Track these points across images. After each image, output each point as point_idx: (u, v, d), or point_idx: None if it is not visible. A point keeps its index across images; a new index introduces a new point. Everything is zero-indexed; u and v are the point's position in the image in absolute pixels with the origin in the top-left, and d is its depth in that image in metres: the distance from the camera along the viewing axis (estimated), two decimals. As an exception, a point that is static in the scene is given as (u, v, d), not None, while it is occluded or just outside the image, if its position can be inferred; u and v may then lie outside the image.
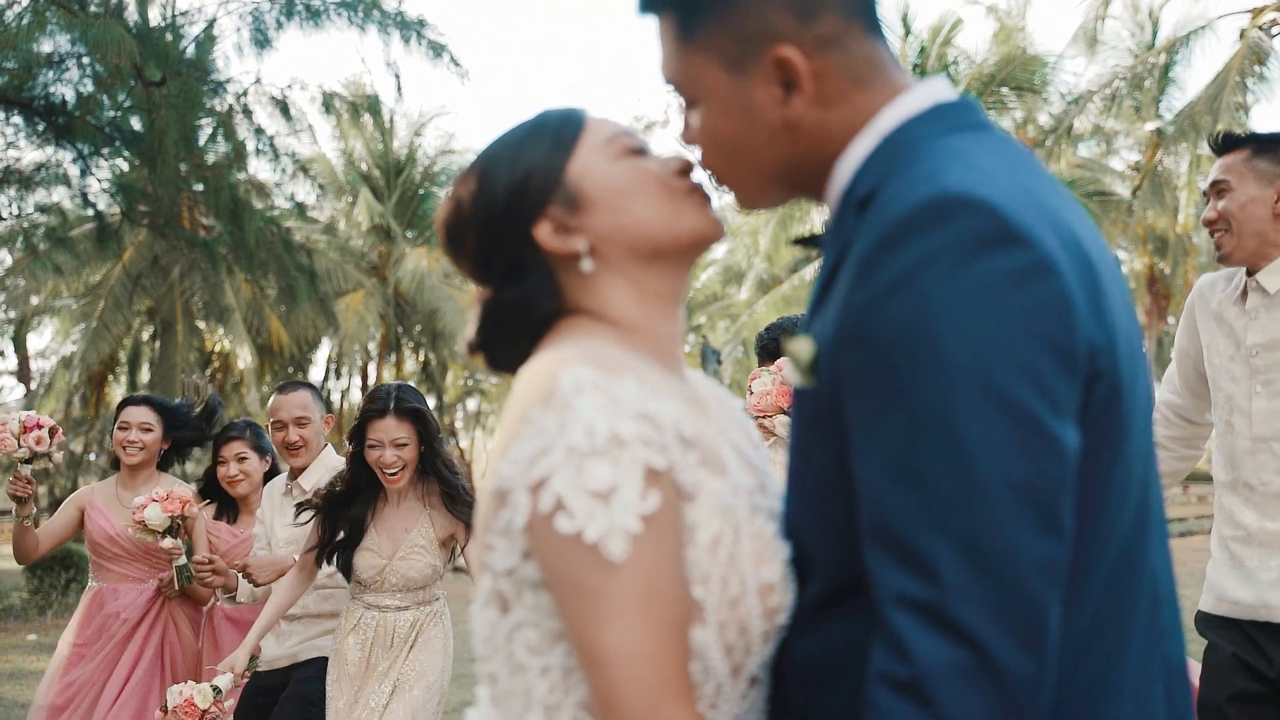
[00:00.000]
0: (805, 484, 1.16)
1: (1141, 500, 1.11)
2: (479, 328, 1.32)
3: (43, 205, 15.37)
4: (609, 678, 1.06)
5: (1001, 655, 0.94)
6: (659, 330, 1.27)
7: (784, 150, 1.17)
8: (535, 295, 1.27)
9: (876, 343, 0.99)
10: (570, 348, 1.19)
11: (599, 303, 1.26)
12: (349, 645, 3.83)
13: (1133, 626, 1.10)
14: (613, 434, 1.07)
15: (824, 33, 1.14)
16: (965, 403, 0.95)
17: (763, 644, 1.15)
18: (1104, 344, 1.03)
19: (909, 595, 0.96)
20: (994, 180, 1.01)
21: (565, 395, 1.09)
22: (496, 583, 1.17)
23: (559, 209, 1.25)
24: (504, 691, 1.19)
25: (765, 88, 1.15)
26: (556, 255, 1.26)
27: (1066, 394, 0.98)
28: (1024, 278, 0.96)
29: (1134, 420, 1.08)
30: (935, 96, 1.16)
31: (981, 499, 0.95)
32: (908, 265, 0.98)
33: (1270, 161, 2.84)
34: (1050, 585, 0.96)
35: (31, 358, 27.59)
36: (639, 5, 1.23)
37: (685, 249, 1.27)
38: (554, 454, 1.08)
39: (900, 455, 0.98)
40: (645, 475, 1.07)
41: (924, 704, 0.94)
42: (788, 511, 1.20)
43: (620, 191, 1.25)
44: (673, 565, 1.08)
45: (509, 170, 1.26)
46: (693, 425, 1.15)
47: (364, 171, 25.14)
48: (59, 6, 11.38)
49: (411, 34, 14.36)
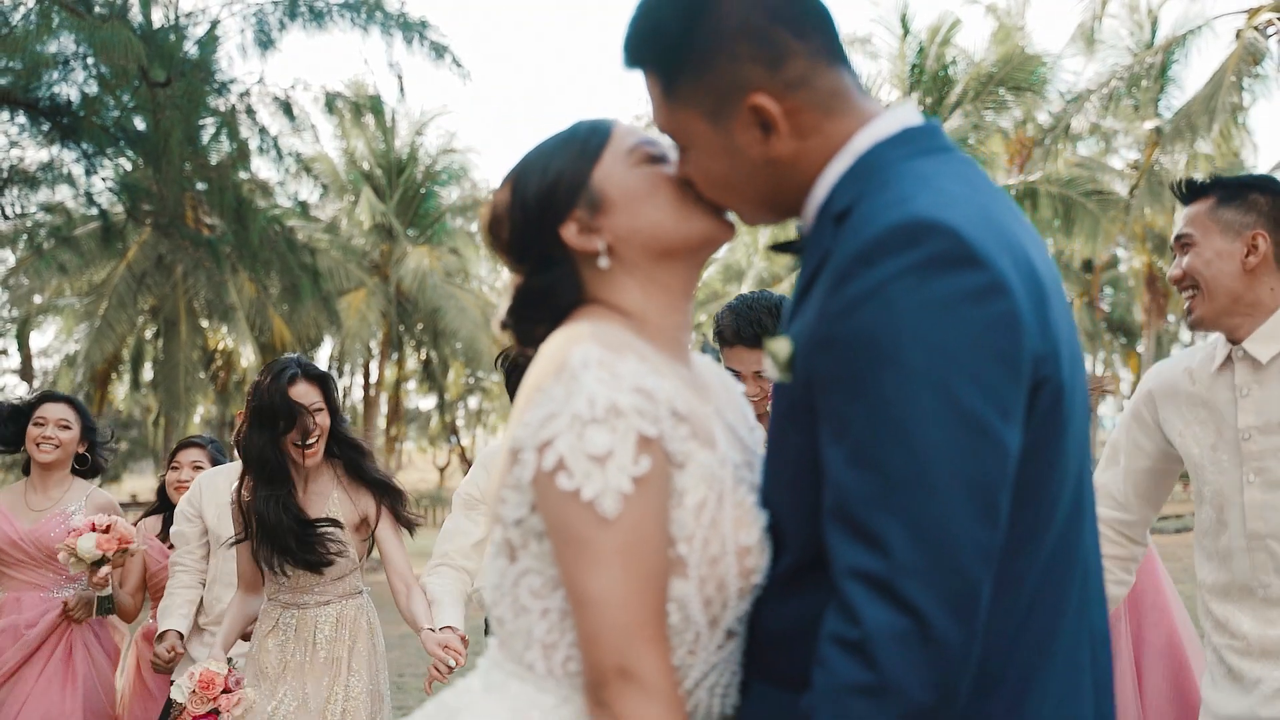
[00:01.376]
0: (781, 467, 1.30)
1: (1077, 486, 1.26)
2: (510, 308, 1.47)
3: (47, 205, 15.49)
4: (590, 618, 1.22)
5: (938, 625, 1.08)
6: (665, 321, 1.42)
7: (769, 181, 1.31)
8: (559, 285, 1.42)
9: (847, 346, 1.13)
10: (584, 327, 1.34)
11: (613, 295, 1.41)
12: (268, 647, 3.59)
13: (1068, 599, 1.25)
14: (611, 404, 1.22)
15: (792, 76, 1.27)
16: (922, 403, 1.09)
17: (738, 600, 1.29)
18: (1048, 353, 1.17)
19: (861, 568, 1.11)
20: (957, 205, 1.15)
21: (573, 368, 1.25)
22: (506, 532, 1.32)
23: (583, 211, 1.40)
24: (509, 632, 1.34)
25: (745, 132, 1.28)
26: (579, 252, 1.41)
27: (1012, 401, 1.13)
28: (980, 296, 1.10)
29: (1073, 418, 1.23)
30: (904, 121, 1.30)
31: (931, 489, 1.09)
32: (878, 280, 1.12)
33: (1237, 210, 2.45)
34: (984, 567, 1.11)
35: (34, 356, 27.75)
36: (624, 60, 1.36)
37: (695, 248, 1.41)
38: (560, 419, 1.23)
39: (862, 445, 1.12)
40: (638, 442, 1.22)
41: (868, 664, 1.09)
42: (765, 491, 1.35)
43: (637, 195, 1.39)
44: (657, 524, 1.22)
45: (540, 176, 1.42)
46: (686, 402, 1.30)
47: (366, 171, 25.24)
48: (65, 9, 11.49)
49: (414, 35, 14.47)
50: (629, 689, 1.21)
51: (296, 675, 3.56)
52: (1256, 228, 2.42)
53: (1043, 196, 18.92)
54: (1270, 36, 14.69)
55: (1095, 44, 20.55)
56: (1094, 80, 18.46)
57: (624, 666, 1.21)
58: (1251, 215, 2.43)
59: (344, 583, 3.67)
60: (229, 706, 3.37)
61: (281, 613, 3.62)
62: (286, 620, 3.61)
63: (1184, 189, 2.56)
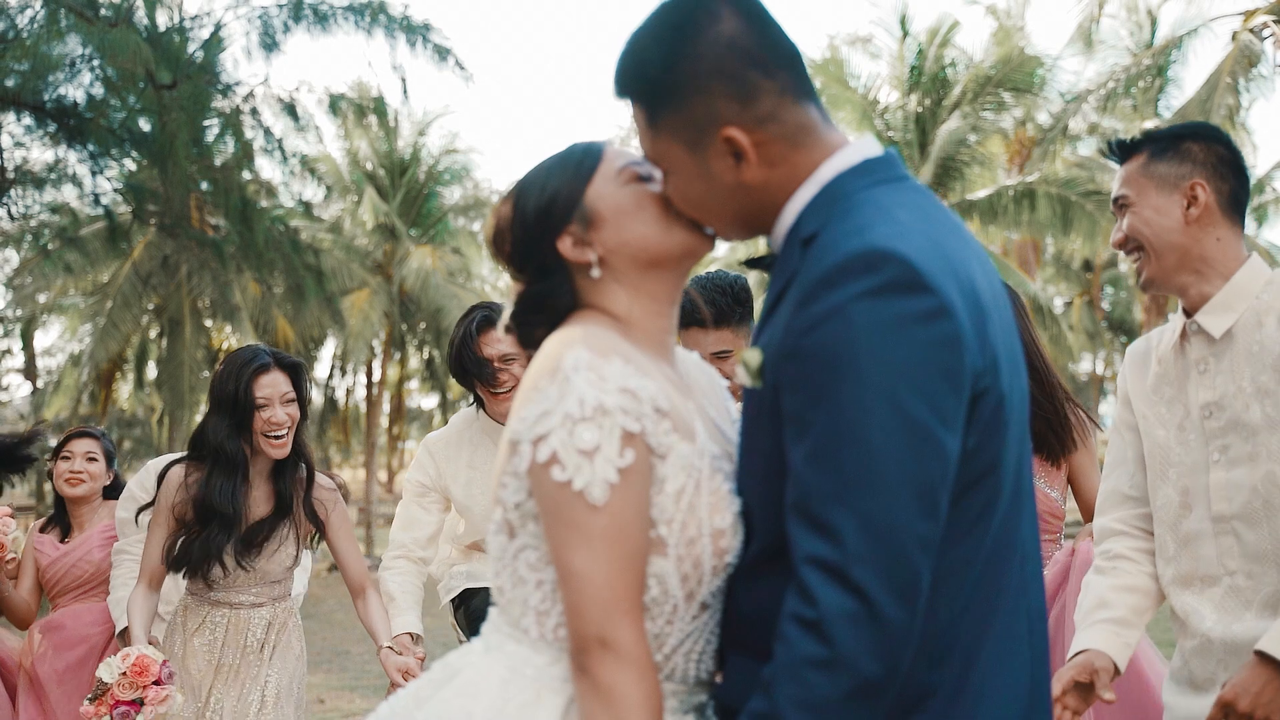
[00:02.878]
0: (752, 464, 1.46)
1: (1016, 479, 1.43)
2: (512, 312, 1.63)
3: (53, 205, 15.61)
4: (574, 590, 1.38)
5: (884, 607, 1.24)
6: (651, 324, 1.57)
7: (741, 203, 1.48)
8: (556, 292, 1.58)
9: (810, 358, 1.29)
10: (577, 332, 1.48)
11: (604, 301, 1.56)
12: (195, 648, 3.46)
13: (1008, 580, 1.41)
14: (599, 404, 1.38)
15: (761, 111, 1.43)
16: (874, 411, 1.25)
17: (712, 576, 1.45)
18: (988, 366, 1.34)
19: (818, 556, 1.27)
20: (909, 236, 1.32)
21: (566, 371, 1.41)
22: (506, 514, 1.48)
23: (577, 226, 1.55)
24: (507, 600, 1.51)
25: (720, 160, 1.45)
26: (574, 263, 1.56)
27: (953, 411, 1.29)
28: (928, 318, 1.27)
29: (1012, 420, 1.40)
30: (864, 153, 1.46)
31: (880, 487, 1.25)
32: (839, 301, 1.28)
33: (1171, 162, 2.32)
34: (925, 556, 1.27)
35: (37, 355, 27.87)
36: (615, 90, 1.52)
37: (678, 259, 1.57)
38: (553, 417, 1.39)
39: (821, 446, 1.28)
40: (623, 437, 1.38)
41: (823, 640, 1.25)
42: (738, 483, 1.50)
43: (625, 212, 1.54)
44: (639, 509, 1.39)
45: (539, 194, 1.57)
46: (668, 398, 1.45)
47: (369, 171, 25.34)
48: (74, 14, 11.60)
49: (417, 37, 14.59)
50: (607, 656, 1.36)
51: (230, 678, 3.45)
52: (1194, 177, 2.30)
53: (1040, 197, 19.00)
54: (1266, 39, 14.78)
55: (1094, 44, 20.61)
56: (1094, 80, 18.52)
57: (603, 636, 1.36)
58: (1187, 165, 2.31)
59: (280, 585, 3.58)
60: (155, 701, 3.17)
61: (210, 611, 3.50)
62: (216, 619, 3.49)
63: (1116, 149, 2.43)
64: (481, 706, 1.47)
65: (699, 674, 1.52)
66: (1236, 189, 2.33)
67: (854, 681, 1.24)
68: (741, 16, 1.43)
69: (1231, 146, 2.36)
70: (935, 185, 19.81)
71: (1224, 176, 2.31)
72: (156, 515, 3.46)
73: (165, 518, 3.44)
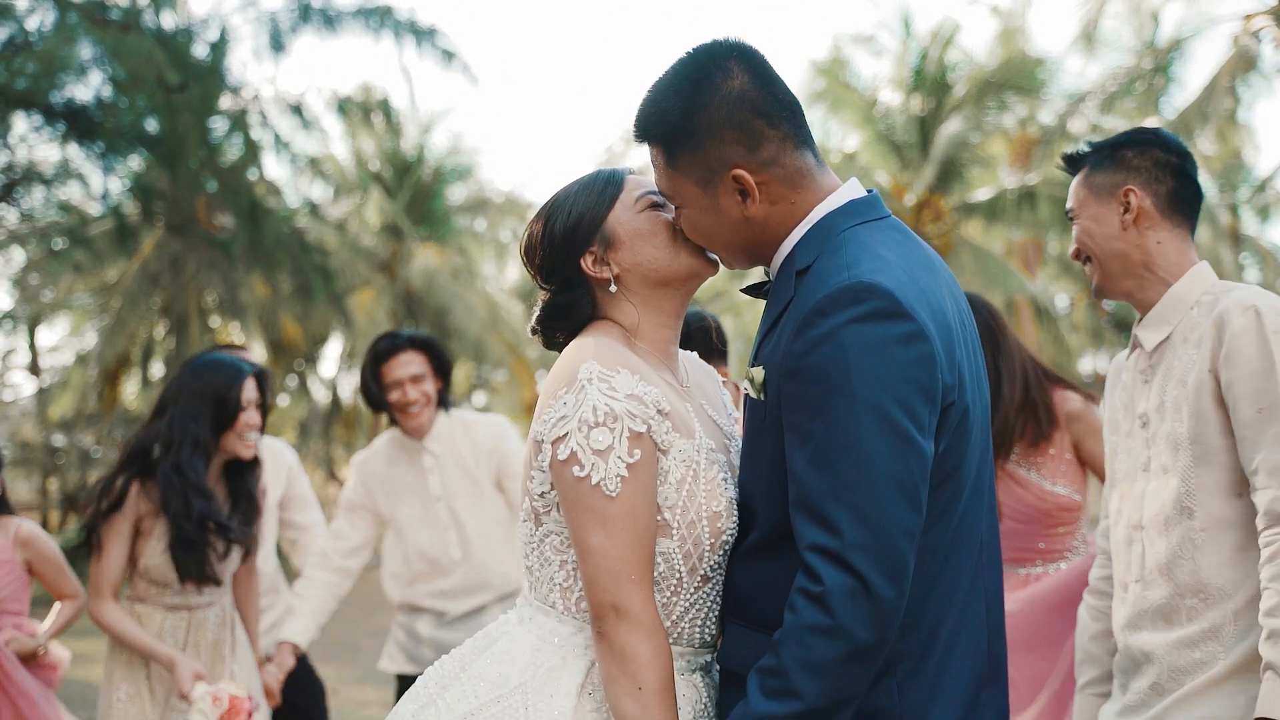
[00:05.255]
0: (754, 465, 1.69)
1: (976, 479, 1.66)
2: (539, 317, 1.89)
3: (62, 204, 15.75)
4: (591, 565, 1.64)
5: (876, 585, 1.47)
6: (656, 335, 1.82)
7: (744, 235, 1.73)
8: (578, 304, 1.84)
9: (808, 376, 1.53)
10: (590, 344, 1.74)
11: (617, 314, 1.83)
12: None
13: (966, 564, 1.65)
14: (609, 410, 1.64)
15: (765, 156, 1.67)
16: (863, 421, 1.48)
17: (711, 553, 1.69)
18: (955, 383, 1.58)
19: (820, 544, 1.49)
20: (890, 270, 1.56)
21: (581, 382, 1.67)
22: (533, 503, 1.73)
23: (598, 246, 1.80)
24: (536, 578, 1.75)
25: (728, 196, 1.69)
26: (595, 280, 1.82)
27: (928, 419, 1.53)
28: (907, 341, 1.51)
29: (973, 428, 1.64)
30: (850, 195, 1.70)
31: (871, 485, 1.47)
32: (831, 327, 1.52)
33: (1107, 172, 2.39)
34: (910, 543, 1.50)
35: (42, 353, 28.00)
36: (635, 135, 1.75)
37: (683, 280, 1.82)
38: (571, 421, 1.65)
39: (819, 452, 1.50)
40: (631, 437, 1.64)
41: (825, 611, 1.48)
42: (741, 482, 1.74)
43: (640, 236, 1.79)
44: (647, 497, 1.62)
45: (565, 216, 1.81)
46: (669, 401, 1.71)
47: (374, 171, 25.49)
48: (88, 19, 11.73)
49: (424, 41, 14.74)
50: (621, 621, 1.60)
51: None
52: (1127, 183, 2.37)
53: (1042, 197, 19.10)
54: (1262, 41, 14.89)
55: (1095, 44, 20.68)
56: (1095, 81, 18.60)
57: (617, 604, 1.60)
58: (1120, 173, 2.38)
59: (225, 584, 3.60)
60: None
61: (166, 616, 3.49)
62: (174, 624, 3.49)
63: (1066, 163, 2.52)
64: (516, 670, 1.71)
65: (704, 637, 1.76)
66: (1177, 189, 2.36)
67: (850, 646, 1.47)
68: (751, 73, 1.67)
69: (1173, 147, 2.39)
70: (936, 186, 19.93)
71: (1160, 179, 2.36)
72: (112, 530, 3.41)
73: (127, 529, 3.42)
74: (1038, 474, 3.33)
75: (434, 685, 1.81)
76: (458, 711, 1.71)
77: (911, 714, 1.59)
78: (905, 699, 1.59)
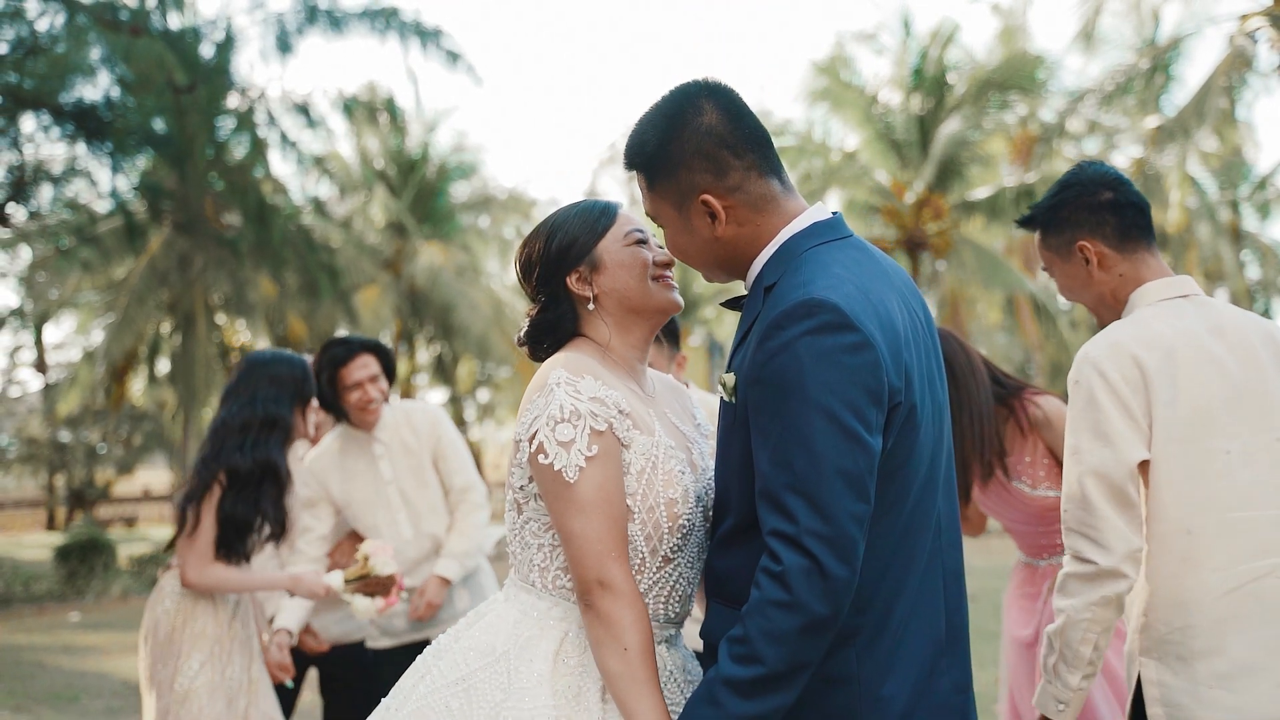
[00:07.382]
0: (727, 461, 1.91)
1: (930, 469, 1.86)
2: (526, 330, 2.11)
3: (70, 203, 15.91)
4: (574, 547, 1.88)
5: (829, 565, 1.66)
6: (626, 353, 2.06)
7: (716, 253, 1.95)
8: (561, 319, 2.07)
9: (767, 383, 1.73)
10: (564, 356, 1.97)
11: (594, 331, 2.06)
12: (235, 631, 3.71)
13: (922, 545, 1.85)
14: (574, 409, 1.88)
15: (732, 182, 1.89)
16: (815, 422, 1.68)
17: (670, 535, 1.92)
18: (902, 385, 1.77)
19: (779, 529, 1.70)
20: (841, 287, 1.75)
21: (550, 386, 1.91)
22: (515, 495, 1.97)
23: (585, 268, 2.04)
24: (518, 560, 2.00)
25: (700, 218, 1.92)
26: (577, 297, 2.05)
27: (875, 419, 1.72)
28: (854, 349, 1.70)
29: (922, 424, 1.83)
30: (814, 218, 1.91)
31: (823, 478, 1.67)
32: (787, 338, 1.72)
33: (1057, 233, 2.57)
34: (859, 527, 1.69)
35: (49, 350, 28.19)
36: (625, 164, 1.99)
37: (652, 313, 2.07)
38: (541, 419, 1.90)
39: (778, 450, 1.71)
40: (592, 434, 1.87)
41: (784, 587, 1.67)
42: (716, 476, 1.97)
43: (622, 265, 2.03)
44: (615, 485, 1.85)
45: (561, 238, 2.06)
46: (629, 404, 1.95)
47: (379, 169, 25.63)
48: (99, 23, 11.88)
49: (429, 41, 14.90)
50: (605, 593, 1.84)
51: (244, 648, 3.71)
52: (1077, 239, 2.52)
53: (1041, 197, 19.19)
54: (1258, 41, 15.00)
55: (1095, 42, 20.74)
56: (1096, 78, 18.67)
57: (600, 578, 1.84)
58: (1068, 230, 2.54)
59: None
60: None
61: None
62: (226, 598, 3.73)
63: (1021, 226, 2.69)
64: (500, 639, 1.97)
65: (668, 614, 2.00)
66: (1118, 223, 2.51)
67: (806, 619, 1.66)
68: (720, 110, 1.89)
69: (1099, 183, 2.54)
70: (937, 184, 20.06)
71: (1102, 221, 2.51)
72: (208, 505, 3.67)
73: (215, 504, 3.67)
74: (1019, 481, 3.38)
75: (430, 656, 2.05)
76: (450, 677, 1.96)
77: (869, 680, 1.78)
78: (863, 667, 1.78)
